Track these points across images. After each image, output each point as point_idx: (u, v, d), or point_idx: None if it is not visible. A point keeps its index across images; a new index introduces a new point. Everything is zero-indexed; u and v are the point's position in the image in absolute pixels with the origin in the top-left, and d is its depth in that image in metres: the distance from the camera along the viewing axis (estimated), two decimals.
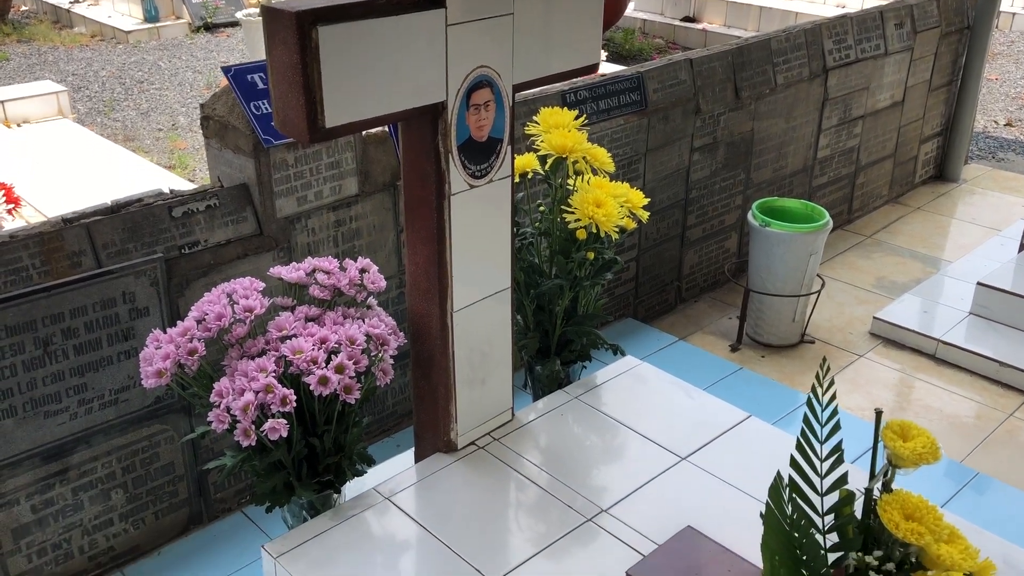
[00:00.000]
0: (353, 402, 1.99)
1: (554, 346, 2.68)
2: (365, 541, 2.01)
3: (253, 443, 1.90)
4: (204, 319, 1.99)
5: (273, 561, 1.97)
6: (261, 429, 1.90)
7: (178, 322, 2.00)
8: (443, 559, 1.96)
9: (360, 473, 2.22)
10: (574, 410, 2.48)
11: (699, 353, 3.71)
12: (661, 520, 2.08)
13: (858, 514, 1.63)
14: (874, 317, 3.89)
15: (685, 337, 3.84)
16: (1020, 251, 4.11)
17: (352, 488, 2.26)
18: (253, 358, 1.97)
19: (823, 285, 3.85)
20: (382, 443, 3.05)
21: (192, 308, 2.04)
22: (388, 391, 3.06)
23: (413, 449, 2.42)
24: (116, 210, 2.36)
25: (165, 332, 1.99)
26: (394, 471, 2.29)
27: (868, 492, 1.57)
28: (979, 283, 3.84)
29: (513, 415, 2.43)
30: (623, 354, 2.75)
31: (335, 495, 2.21)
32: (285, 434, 1.90)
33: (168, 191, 2.45)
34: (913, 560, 1.59)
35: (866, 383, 3.56)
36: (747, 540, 2.01)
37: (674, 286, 4.03)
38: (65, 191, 4.89)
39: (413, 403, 2.33)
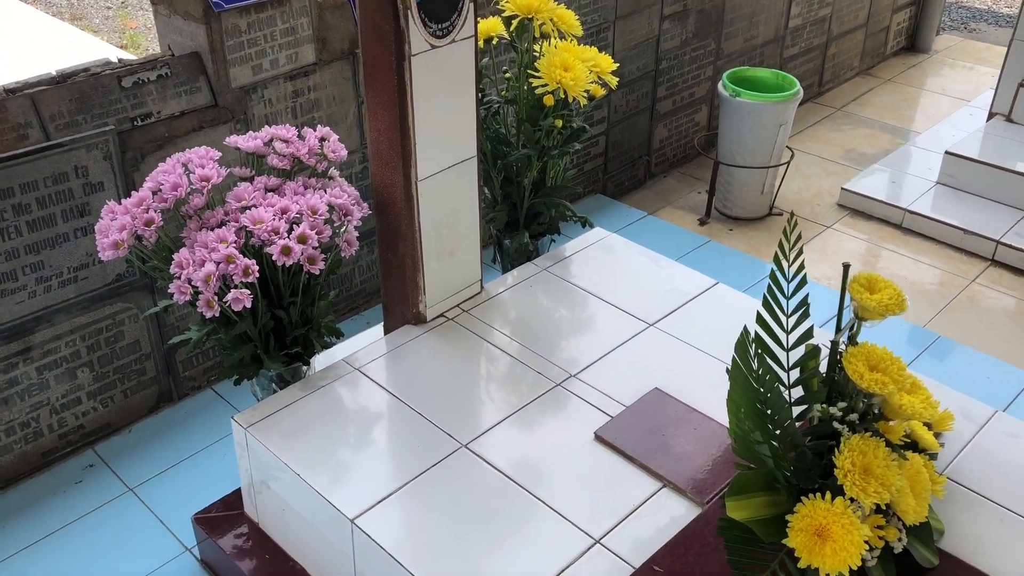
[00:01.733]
0: (318, 273, 1.96)
1: (523, 219, 2.65)
2: (336, 410, 2.02)
3: (217, 314, 1.87)
4: (160, 190, 1.93)
5: (243, 432, 1.97)
6: (224, 300, 1.86)
7: (133, 193, 1.94)
8: (414, 425, 1.97)
9: (328, 345, 2.21)
10: (543, 281, 2.47)
11: (668, 227, 3.70)
12: (629, 384, 2.10)
13: (823, 368, 1.65)
14: (842, 188, 3.89)
15: (654, 212, 3.82)
16: (988, 120, 4.10)
17: (321, 361, 2.25)
18: (213, 229, 1.92)
19: (792, 156, 3.82)
20: (351, 320, 3.04)
21: (147, 179, 1.97)
22: (356, 269, 3.03)
23: (382, 323, 2.41)
24: (62, 80, 2.25)
25: (120, 204, 1.93)
26: (363, 344, 2.28)
27: (834, 345, 1.58)
28: (947, 152, 3.83)
29: (482, 287, 2.42)
30: (592, 226, 2.72)
31: (304, 367, 2.20)
32: (249, 304, 1.87)
33: (117, 60, 2.34)
34: (876, 411, 1.62)
35: (833, 253, 3.58)
36: (712, 400, 2.04)
37: (643, 161, 3.99)
38: (10, 69, 4.68)
39: (381, 276, 2.30)
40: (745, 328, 1.54)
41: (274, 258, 1.89)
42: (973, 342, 3.05)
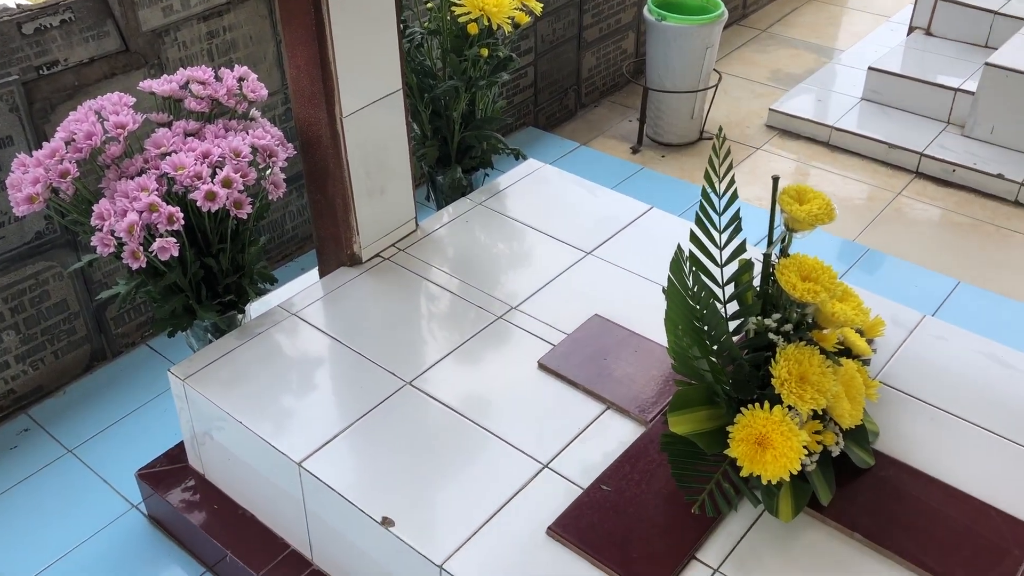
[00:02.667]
0: (245, 217, 1.91)
1: (454, 154, 2.61)
2: (276, 356, 1.99)
3: (143, 265, 1.82)
4: (73, 139, 1.85)
5: (181, 384, 1.94)
6: (150, 250, 1.81)
7: (45, 144, 1.86)
8: (356, 367, 1.96)
9: (262, 292, 2.17)
10: (479, 216, 2.45)
11: (601, 157, 3.69)
12: (569, 312, 2.11)
13: (757, 282, 1.67)
14: (770, 109, 3.92)
15: (587, 142, 3.81)
16: (908, 35, 4.15)
17: (256, 309, 2.21)
18: (132, 178, 1.86)
19: (720, 79, 3.83)
20: (285, 267, 2.99)
21: (59, 129, 1.89)
22: (286, 214, 2.97)
23: (317, 268, 2.37)
24: None
25: (32, 157, 1.85)
26: (298, 289, 2.25)
27: (766, 258, 1.60)
28: (870, 68, 3.88)
29: (417, 225, 2.39)
30: (525, 158, 2.70)
31: (239, 316, 2.16)
32: (176, 253, 1.82)
33: (14, 5, 2.22)
34: (809, 321, 1.65)
35: (764, 174, 3.62)
36: (652, 322, 2.05)
37: (573, 91, 3.96)
38: None
39: (311, 218, 2.26)
40: (679, 247, 1.55)
41: (199, 204, 1.83)
42: (901, 253, 3.13)
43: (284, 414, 1.85)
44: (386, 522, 1.64)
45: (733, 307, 1.65)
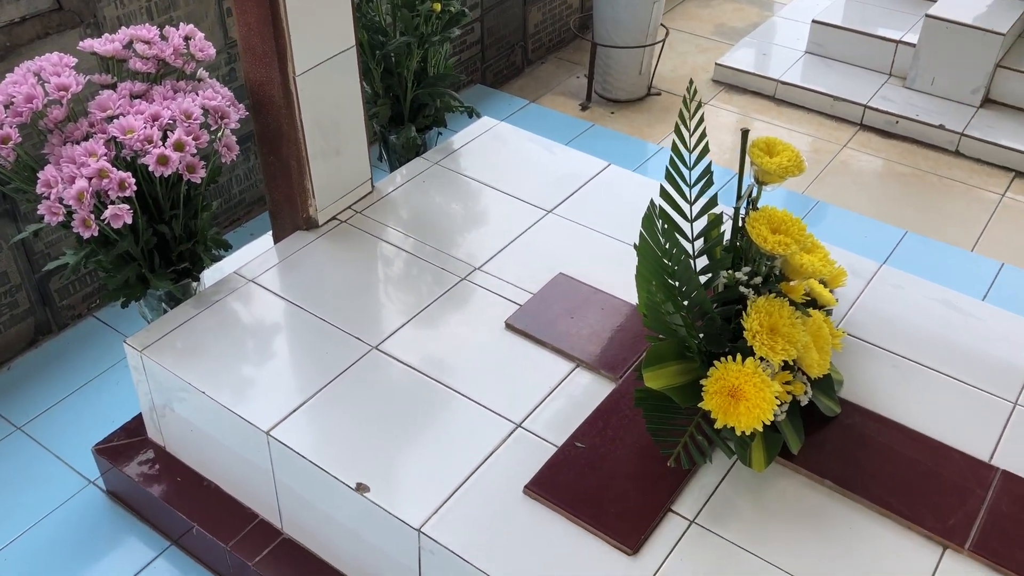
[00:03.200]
0: (199, 182, 1.85)
1: (407, 112, 2.56)
2: (235, 324, 1.94)
3: (95, 234, 1.74)
4: (12, 103, 1.76)
5: (139, 355, 1.88)
6: (102, 217, 1.74)
7: None
8: (320, 332, 1.92)
9: (217, 258, 2.11)
10: (435, 176, 2.41)
11: (551, 114, 3.66)
12: (533, 271, 2.09)
13: (726, 236, 1.68)
14: (716, 64, 3.92)
15: (536, 100, 3.77)
16: None
17: (210, 276, 2.15)
18: (78, 143, 1.78)
19: (667, 33, 3.81)
20: (234, 232, 2.91)
21: None
22: (233, 178, 2.89)
23: (270, 233, 2.31)
24: None
25: None
26: (253, 255, 2.19)
27: (736, 211, 1.61)
28: (813, 21, 3.91)
29: (373, 187, 2.34)
30: (479, 116, 2.66)
31: (194, 284, 2.10)
32: (129, 220, 1.75)
33: None
34: (777, 273, 1.66)
35: (711, 129, 3.62)
36: (616, 279, 2.06)
37: (520, 47, 3.91)
38: None
39: (265, 181, 2.19)
40: (652, 202, 1.54)
41: (151, 169, 1.76)
42: (849, 204, 3.18)
43: (248, 383, 1.81)
44: (361, 488, 1.62)
45: (703, 262, 1.65)
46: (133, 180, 1.75)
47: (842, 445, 1.69)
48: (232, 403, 1.76)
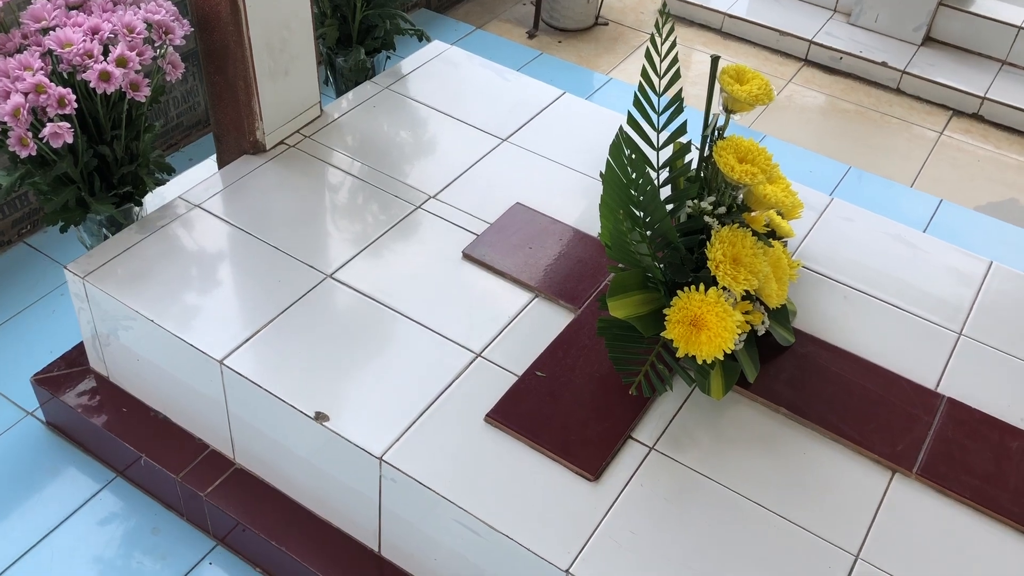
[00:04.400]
0: (143, 100, 1.76)
1: (356, 34, 2.48)
2: (182, 251, 1.87)
3: (32, 153, 1.65)
4: None
5: (80, 282, 1.80)
6: (40, 136, 1.64)
7: None
8: (272, 260, 1.87)
9: (161, 182, 2.03)
10: (386, 100, 2.34)
11: (498, 41, 3.59)
12: (490, 201, 2.06)
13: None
14: None
15: (482, 26, 3.68)
16: None
17: (152, 202, 2.07)
18: (11, 55, 1.67)
19: None
20: (172, 157, 2.79)
21: None
22: (170, 100, 2.76)
23: (214, 157, 2.23)
24: None
25: None
26: (198, 180, 2.11)
27: (703, 139, 1.60)
28: None
29: (322, 110, 2.26)
30: (429, 40, 2.59)
31: (136, 209, 2.01)
32: (70, 139, 1.66)
33: None
34: (739, 203, 1.67)
35: None
36: (574, 210, 2.04)
37: None
38: None
39: (209, 103, 2.10)
40: (621, 130, 1.51)
41: (92, 85, 1.67)
42: (793, 139, 3.21)
43: (197, 311, 1.75)
44: (320, 417, 1.59)
45: (668, 192, 1.64)
46: (74, 97, 1.65)
47: (796, 374, 1.73)
48: (182, 332, 1.71)
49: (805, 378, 1.72)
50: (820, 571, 1.44)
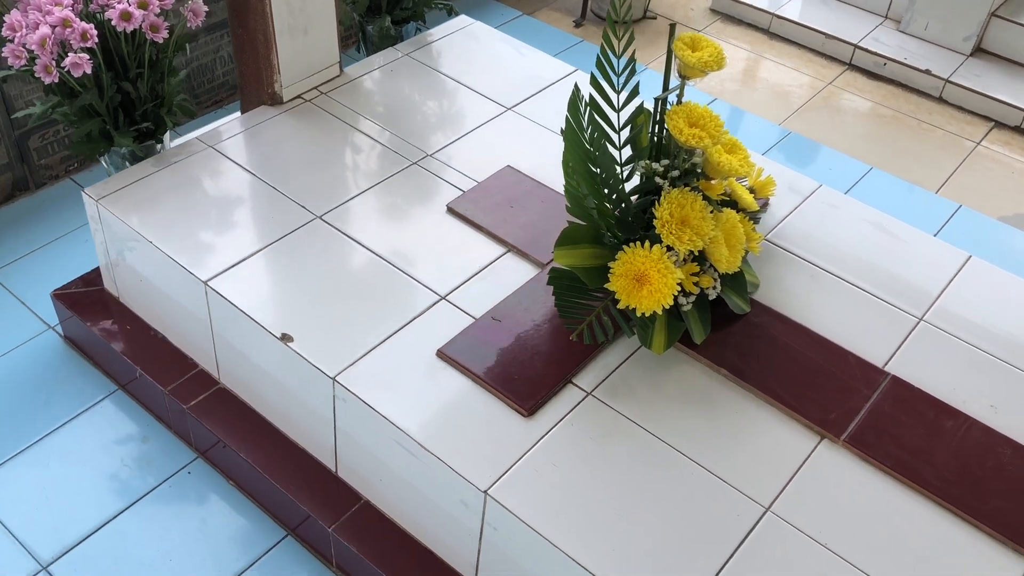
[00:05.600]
0: (161, 42, 1.92)
1: (385, 3, 2.61)
2: (189, 184, 2.03)
3: (55, 80, 1.83)
4: None
5: (95, 204, 1.97)
6: (62, 65, 1.82)
7: None
8: (269, 198, 2.01)
9: (179, 123, 2.19)
10: (404, 66, 2.47)
11: (543, 27, 3.69)
12: (483, 162, 2.17)
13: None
14: None
15: (531, 12, 3.79)
16: None
17: (178, 143, 2.24)
18: None
19: None
20: (215, 114, 2.98)
21: None
22: (217, 60, 2.95)
23: (240, 106, 2.39)
24: None
25: None
26: (219, 125, 2.27)
27: (657, 103, 1.67)
28: None
29: (342, 71, 2.41)
30: (457, 15, 2.71)
31: (157, 146, 2.18)
32: (88, 70, 1.83)
33: None
34: (699, 172, 1.73)
35: None
36: (560, 176, 2.12)
37: None
38: None
39: (234, 55, 2.26)
40: (576, 86, 1.60)
41: (114, 23, 1.84)
42: (822, 138, 3.22)
43: (194, 237, 1.90)
44: (285, 338, 1.72)
45: (629, 155, 1.72)
46: (95, 32, 1.82)
47: (744, 340, 1.78)
48: (175, 253, 1.86)
49: (753, 345, 1.78)
50: (728, 518, 1.50)
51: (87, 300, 2.16)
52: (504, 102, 2.37)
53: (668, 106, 1.66)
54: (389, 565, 1.72)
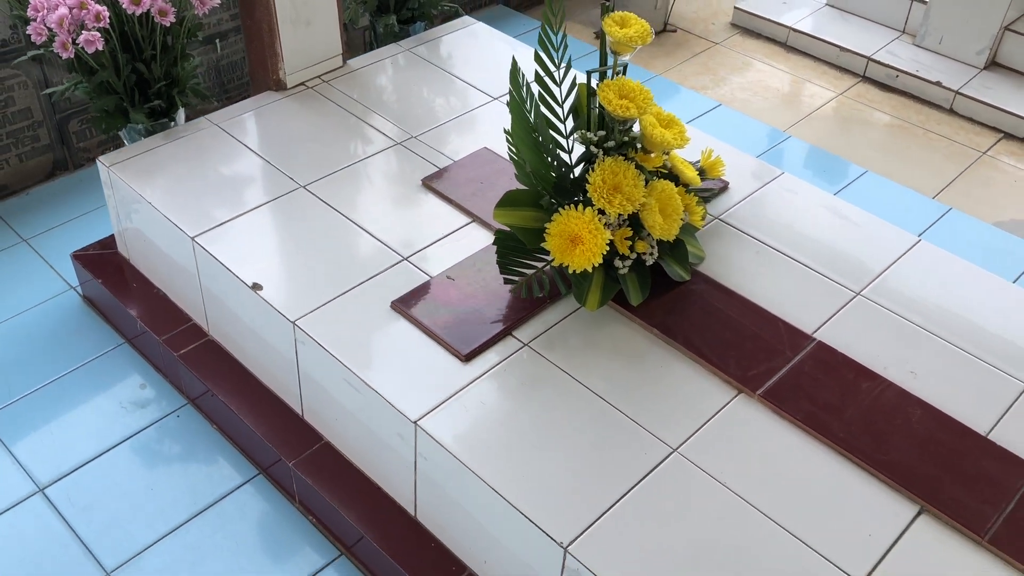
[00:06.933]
0: (169, 25, 2.14)
1: (393, 3, 2.81)
2: (191, 155, 2.24)
3: (72, 55, 2.06)
4: None
5: (107, 170, 2.20)
6: (76, 41, 2.05)
7: None
8: (261, 169, 2.20)
9: (190, 104, 2.41)
10: (405, 60, 2.66)
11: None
12: (462, 145, 2.33)
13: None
14: (735, 7, 4.04)
15: None
16: None
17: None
18: None
19: None
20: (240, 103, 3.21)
21: None
22: (244, 59, 3.19)
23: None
24: None
25: None
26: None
27: (589, 75, 1.81)
28: None
29: (345, 62, 2.60)
30: (461, 14, 2.89)
31: (172, 124, 2.41)
32: (101, 47, 2.06)
33: None
34: (638, 146, 1.86)
35: (716, 66, 3.77)
36: None
37: None
38: None
39: (245, 43, 2.48)
40: (513, 59, 1.76)
41: (124, 6, 2.06)
42: (824, 144, 3.30)
43: (188, 200, 2.11)
44: (256, 287, 1.90)
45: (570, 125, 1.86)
46: (108, 14, 2.05)
47: (680, 305, 1.89)
48: (169, 212, 2.06)
49: (688, 309, 1.88)
50: (635, 454, 1.61)
51: (101, 261, 2.38)
52: (493, 93, 2.53)
53: (598, 80, 1.80)
54: (341, 498, 1.87)
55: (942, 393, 1.74)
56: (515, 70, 1.75)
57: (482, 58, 2.68)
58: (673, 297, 1.91)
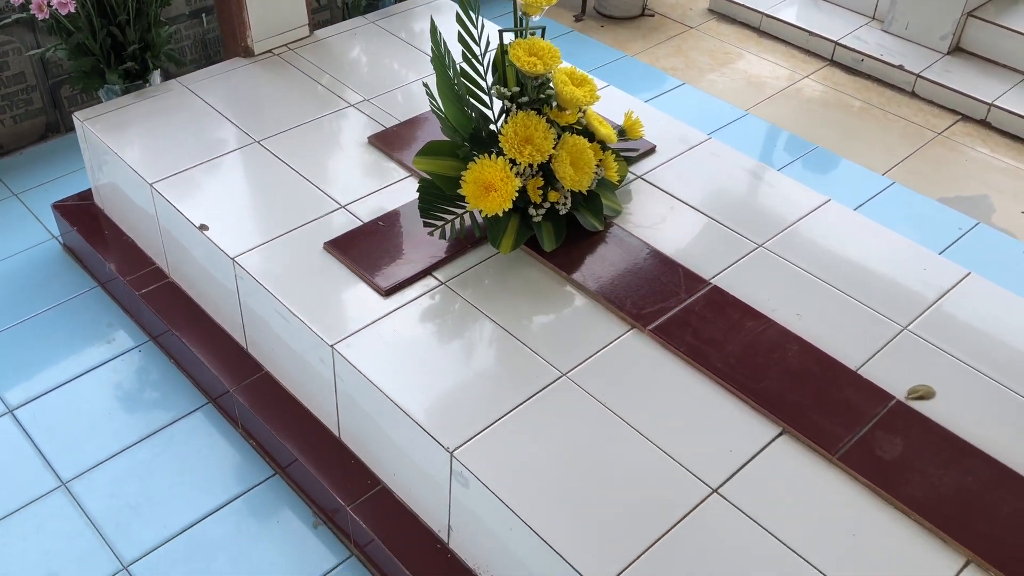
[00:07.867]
0: None
1: None
2: (159, 113, 2.43)
3: (46, 16, 2.26)
4: None
5: (81, 125, 2.39)
6: (51, 4, 2.25)
7: None
8: (220, 126, 2.39)
9: (161, 66, 2.60)
10: (367, 31, 2.83)
11: (542, 21, 4.00)
12: (413, 109, 2.49)
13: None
14: None
15: None
16: None
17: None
18: None
19: None
20: None
21: None
22: None
23: None
24: None
25: None
26: None
27: (502, 33, 1.97)
28: None
29: (311, 32, 2.78)
30: None
31: (146, 85, 2.60)
32: (72, 9, 2.25)
33: None
34: (554, 104, 2.01)
35: (689, 49, 3.90)
36: None
37: None
38: None
39: (216, 12, 2.67)
40: (431, 19, 1.92)
41: None
42: (782, 123, 3.42)
43: (150, 150, 2.29)
44: (202, 228, 2.08)
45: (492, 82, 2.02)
46: None
47: (589, 251, 2.04)
48: (133, 162, 2.25)
49: (596, 254, 2.04)
50: (527, 377, 1.76)
51: (79, 211, 2.58)
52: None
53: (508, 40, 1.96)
54: (276, 422, 2.04)
55: (822, 333, 1.88)
56: (434, 29, 1.91)
57: (448, 32, 2.83)
58: (584, 245, 2.06)
